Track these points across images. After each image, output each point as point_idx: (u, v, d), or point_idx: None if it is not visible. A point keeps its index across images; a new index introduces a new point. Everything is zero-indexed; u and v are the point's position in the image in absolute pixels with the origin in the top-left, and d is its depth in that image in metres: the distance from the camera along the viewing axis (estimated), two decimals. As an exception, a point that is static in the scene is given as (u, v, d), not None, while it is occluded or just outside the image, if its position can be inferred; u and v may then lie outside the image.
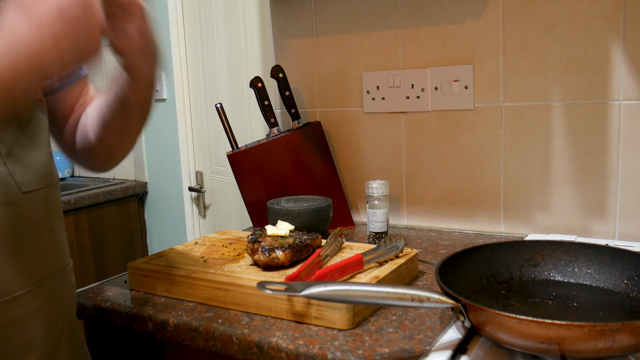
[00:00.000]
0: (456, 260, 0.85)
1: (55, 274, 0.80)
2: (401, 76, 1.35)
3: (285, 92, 1.40)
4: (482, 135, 1.27)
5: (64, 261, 0.82)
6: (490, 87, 1.25)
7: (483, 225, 1.31)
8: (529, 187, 1.24)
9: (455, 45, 1.28)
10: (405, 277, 0.98)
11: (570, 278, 0.87)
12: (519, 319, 0.63)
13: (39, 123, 0.79)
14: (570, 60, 1.16)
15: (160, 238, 2.45)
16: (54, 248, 0.80)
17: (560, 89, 1.18)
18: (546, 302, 0.81)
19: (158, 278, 0.97)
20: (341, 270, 0.89)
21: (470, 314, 0.69)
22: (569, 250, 0.88)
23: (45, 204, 0.78)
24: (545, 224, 1.23)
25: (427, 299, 0.70)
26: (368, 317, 0.85)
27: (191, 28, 2.08)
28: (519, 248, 0.90)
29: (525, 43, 1.20)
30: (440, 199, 1.35)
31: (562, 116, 1.19)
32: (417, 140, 1.35)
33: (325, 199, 1.30)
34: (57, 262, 0.80)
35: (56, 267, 0.80)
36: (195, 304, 0.93)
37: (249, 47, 1.74)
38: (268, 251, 0.94)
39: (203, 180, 2.15)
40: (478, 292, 0.84)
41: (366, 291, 0.71)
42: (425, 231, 1.35)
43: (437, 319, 0.83)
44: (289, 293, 0.72)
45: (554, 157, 1.21)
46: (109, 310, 0.95)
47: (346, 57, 1.41)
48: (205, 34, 1.98)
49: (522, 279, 0.88)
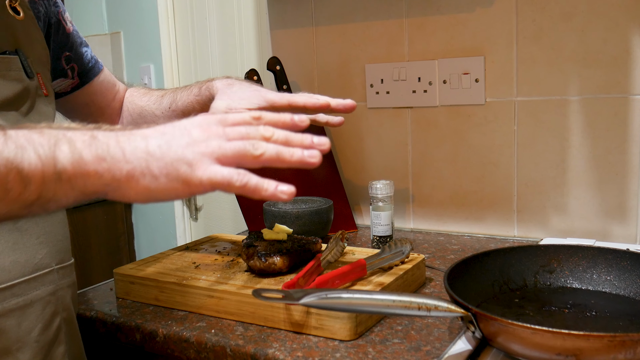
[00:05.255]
0: (466, 266, 0.85)
1: (55, 267, 0.82)
2: (407, 69, 1.35)
3: (282, 85, 1.40)
4: (493, 132, 1.27)
5: (64, 256, 0.85)
6: (502, 81, 1.25)
7: (495, 229, 1.31)
8: (544, 188, 1.24)
9: (465, 35, 1.28)
10: (411, 284, 0.98)
11: (588, 285, 0.87)
12: (533, 329, 0.63)
13: (42, 116, 0.83)
14: (589, 51, 1.16)
15: (149, 242, 2.45)
16: (53, 241, 0.82)
17: (577, 83, 1.18)
18: (562, 311, 0.81)
19: (146, 285, 0.97)
20: (343, 276, 0.89)
21: (481, 323, 0.69)
22: (587, 256, 0.89)
23: None
24: (562, 227, 1.23)
25: (434, 308, 0.70)
26: (371, 327, 0.85)
27: (182, 17, 2.08)
28: (534, 253, 0.90)
29: (540, 33, 1.20)
30: (449, 200, 1.35)
31: (580, 111, 1.19)
32: (424, 138, 1.35)
33: (325, 201, 1.30)
34: (57, 255, 0.83)
35: (55, 260, 0.82)
36: (186, 313, 0.93)
37: (244, 38, 1.74)
38: (264, 256, 0.94)
39: (194, 181, 2.15)
40: (489, 300, 0.84)
41: (369, 299, 0.71)
42: (433, 235, 1.35)
43: (446, 329, 0.84)
44: (286, 301, 0.72)
45: (571, 156, 1.21)
46: (94, 320, 0.95)
47: (348, 48, 1.41)
48: (197, 23, 1.98)
49: (537, 286, 0.89)
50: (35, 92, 0.83)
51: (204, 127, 0.61)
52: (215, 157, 0.58)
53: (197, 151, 0.58)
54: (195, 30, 2.01)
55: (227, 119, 0.62)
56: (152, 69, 2.25)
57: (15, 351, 0.76)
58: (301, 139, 0.62)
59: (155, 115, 1.05)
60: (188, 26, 2.05)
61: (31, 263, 0.78)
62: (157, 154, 0.58)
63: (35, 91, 0.83)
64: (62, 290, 0.83)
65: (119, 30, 2.42)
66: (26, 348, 0.77)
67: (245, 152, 0.59)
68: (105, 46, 2.46)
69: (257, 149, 0.59)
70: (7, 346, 0.75)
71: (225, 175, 0.58)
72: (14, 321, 0.76)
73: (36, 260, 0.79)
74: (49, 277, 0.81)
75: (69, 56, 0.98)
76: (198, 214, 2.19)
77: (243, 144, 0.59)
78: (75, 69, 0.99)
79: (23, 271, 0.77)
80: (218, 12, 1.86)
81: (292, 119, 0.64)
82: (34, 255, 0.78)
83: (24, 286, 0.77)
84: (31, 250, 0.78)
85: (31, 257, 0.78)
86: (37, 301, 0.79)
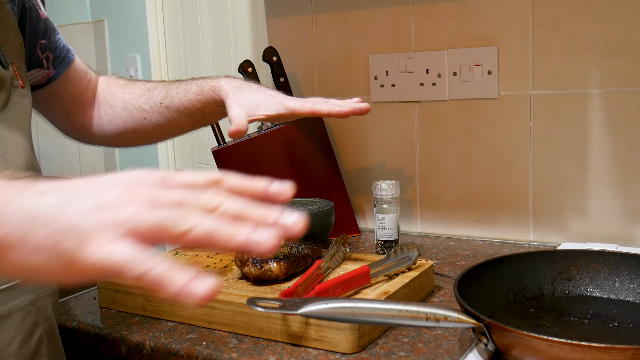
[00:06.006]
0: (478, 273, 0.85)
1: None
2: (414, 60, 1.35)
3: (279, 78, 1.40)
4: (508, 128, 1.27)
5: None
6: (517, 73, 1.25)
7: (509, 233, 1.31)
8: (563, 188, 1.24)
9: (477, 23, 1.28)
10: (418, 293, 0.98)
11: (610, 294, 0.87)
12: (551, 341, 0.63)
13: (19, 110, 0.83)
14: (610, 41, 1.16)
15: (135, 247, 2.45)
16: None
17: (598, 75, 1.18)
18: (582, 321, 0.81)
19: (132, 294, 0.97)
20: (345, 284, 0.89)
21: (495, 335, 0.69)
22: (609, 262, 0.89)
23: None
24: (581, 231, 1.23)
25: (444, 318, 0.70)
26: (376, 339, 0.85)
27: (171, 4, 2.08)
28: (551, 259, 0.90)
29: (557, 21, 1.20)
30: (459, 201, 1.35)
31: (601, 106, 1.19)
32: (433, 134, 1.35)
33: (326, 202, 1.30)
34: None
35: None
36: (175, 323, 0.93)
37: (238, 26, 1.74)
38: (260, 262, 0.94)
39: (184, 181, 2.15)
40: (503, 310, 0.84)
41: (373, 309, 0.71)
42: (442, 239, 1.35)
43: (456, 341, 0.83)
44: (284, 311, 0.72)
45: (592, 154, 1.21)
46: (76, 331, 0.95)
47: (350, 38, 1.41)
48: (187, 11, 1.98)
49: (555, 295, 0.88)
50: (11, 84, 0.82)
51: (129, 186, 0.47)
52: (124, 230, 0.44)
53: (101, 219, 0.45)
54: (185, 19, 2.01)
55: (172, 179, 0.49)
56: (138, 60, 2.25)
57: None
58: (262, 215, 0.47)
59: (144, 110, 1.05)
60: (177, 14, 2.05)
61: None
62: (47, 217, 0.45)
63: (10, 82, 0.82)
64: (43, 299, 0.83)
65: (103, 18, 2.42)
66: None
67: (164, 227, 0.45)
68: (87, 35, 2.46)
69: (182, 224, 0.45)
70: None
71: (118, 260, 0.43)
72: None
73: None
74: (29, 286, 0.80)
75: (44, 44, 0.96)
76: (188, 216, 2.19)
77: (166, 215, 0.45)
78: (50, 58, 0.97)
79: (1, 279, 0.76)
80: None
81: (266, 189, 0.50)
82: None
83: (1, 295, 0.76)
84: None
85: None
86: (16, 311, 0.78)
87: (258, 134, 1.38)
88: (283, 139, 1.38)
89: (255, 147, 1.37)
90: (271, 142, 1.38)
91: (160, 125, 1.06)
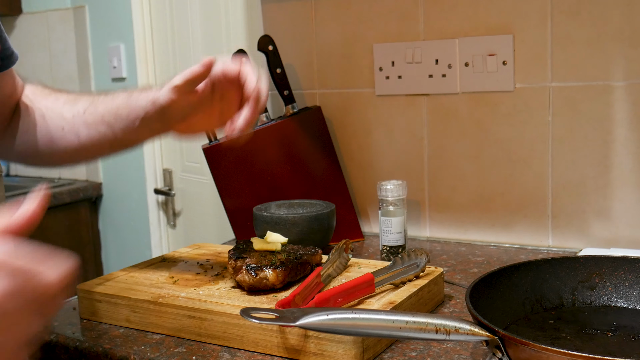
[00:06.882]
0: (492, 281, 0.85)
1: None
2: (422, 49, 1.35)
3: (276, 69, 1.41)
4: (524, 124, 1.28)
5: None
6: (534, 63, 1.25)
7: (526, 238, 1.31)
8: (584, 190, 1.24)
9: (490, 9, 1.28)
10: (427, 303, 0.98)
11: (635, 304, 0.87)
12: (572, 355, 0.63)
13: None
14: (636, 29, 1.17)
15: (119, 253, 2.45)
16: None
17: (622, 66, 1.19)
18: (606, 334, 0.81)
19: (116, 304, 0.97)
20: (347, 293, 0.89)
21: (510, 349, 0.69)
22: (635, 269, 0.89)
23: None
24: (605, 236, 1.24)
25: (455, 330, 0.70)
26: (380, 353, 0.85)
27: (157, -12, 2.08)
28: (572, 266, 0.90)
29: (578, 7, 1.20)
30: (471, 204, 1.35)
31: (626, 100, 1.19)
32: (443, 130, 1.35)
33: (326, 204, 1.30)
34: None
35: None
36: (162, 336, 0.93)
37: (230, 13, 1.74)
38: (255, 270, 0.94)
39: (172, 181, 2.16)
40: (519, 321, 0.84)
41: (378, 320, 0.71)
42: (452, 245, 1.35)
43: (468, 355, 0.84)
44: (280, 323, 0.72)
45: (616, 152, 1.21)
46: (54, 345, 0.95)
47: (353, 25, 1.42)
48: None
49: (576, 305, 0.89)
50: None
51: None
52: None
53: None
54: (173, 4, 2.01)
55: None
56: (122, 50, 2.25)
57: None
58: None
59: (64, 117, 1.00)
60: None
61: None
62: None
63: None
64: None
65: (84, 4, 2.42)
66: None
67: None
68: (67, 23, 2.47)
69: None
70: None
71: None
72: None
73: None
74: None
75: None
76: (176, 219, 2.19)
77: None
78: None
79: None
80: (200, -17, 1.86)
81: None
82: None
83: None
84: None
85: None
86: None
87: (253, 129, 1.38)
88: (280, 135, 1.39)
89: (250, 144, 1.37)
90: (267, 139, 1.38)
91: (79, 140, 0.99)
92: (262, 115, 1.39)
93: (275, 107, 1.51)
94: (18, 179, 2.59)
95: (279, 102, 1.48)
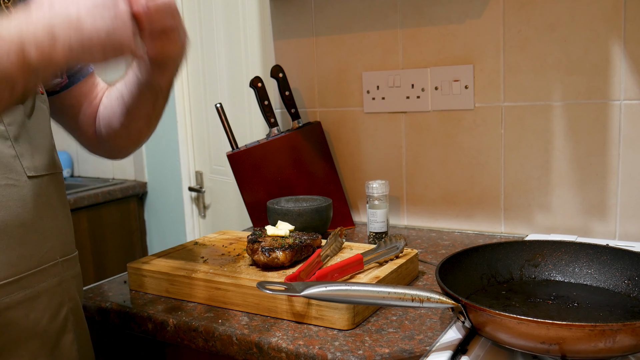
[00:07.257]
0: (456, 260, 0.85)
1: (59, 259, 0.81)
2: (401, 76, 1.35)
3: (285, 92, 1.40)
4: (482, 135, 1.27)
5: (68, 249, 0.84)
6: (490, 87, 1.25)
7: (483, 226, 1.30)
8: (530, 187, 1.24)
9: (455, 45, 1.28)
10: (405, 278, 0.98)
11: (570, 278, 0.87)
12: (519, 319, 0.63)
13: (41, 113, 0.82)
14: (571, 60, 1.16)
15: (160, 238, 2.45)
16: (57, 235, 0.81)
17: (560, 89, 1.18)
18: (547, 302, 0.81)
19: (158, 278, 0.97)
20: (341, 270, 0.89)
21: (471, 314, 0.69)
22: (570, 251, 0.88)
23: (49, 191, 0.80)
24: (546, 224, 1.23)
25: (427, 299, 0.70)
26: (368, 317, 0.85)
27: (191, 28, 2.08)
28: (520, 248, 0.90)
29: (525, 43, 1.20)
30: (440, 199, 1.35)
31: (563, 116, 1.19)
32: (417, 140, 1.35)
33: (325, 199, 1.30)
34: (61, 248, 0.81)
35: (59, 253, 0.81)
36: (195, 304, 0.93)
37: (249, 47, 1.74)
38: (268, 251, 0.94)
39: (203, 181, 2.15)
40: (478, 292, 0.84)
41: (366, 291, 0.71)
42: (425, 231, 1.35)
43: (438, 319, 0.83)
44: (288, 293, 0.72)
45: (555, 157, 1.21)
46: (109, 311, 0.95)
47: (346, 57, 1.41)
48: (205, 34, 1.98)
49: (523, 279, 0.88)
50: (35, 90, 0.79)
51: None
52: None
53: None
54: (203, 41, 2.01)
55: None
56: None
57: (24, 341, 0.75)
58: None
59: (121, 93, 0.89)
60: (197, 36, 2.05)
61: (37, 257, 0.77)
62: None
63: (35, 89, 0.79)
64: (67, 281, 0.82)
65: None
66: (35, 338, 0.76)
67: None
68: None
69: None
70: (16, 337, 0.74)
71: None
72: (22, 313, 0.75)
73: (41, 254, 0.77)
74: (54, 269, 0.79)
75: None
76: (206, 211, 2.19)
77: None
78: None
79: (29, 265, 0.75)
80: (225, 24, 1.86)
81: None
82: (39, 249, 0.77)
83: (31, 279, 0.76)
84: (36, 245, 0.77)
85: (36, 251, 0.77)
86: (44, 292, 0.77)
87: (267, 140, 1.38)
88: (288, 144, 1.38)
89: (264, 152, 1.37)
90: (278, 147, 1.38)
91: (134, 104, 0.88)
92: (274, 128, 1.39)
93: (285, 122, 1.50)
94: (81, 179, 2.59)
95: (287, 118, 1.48)
